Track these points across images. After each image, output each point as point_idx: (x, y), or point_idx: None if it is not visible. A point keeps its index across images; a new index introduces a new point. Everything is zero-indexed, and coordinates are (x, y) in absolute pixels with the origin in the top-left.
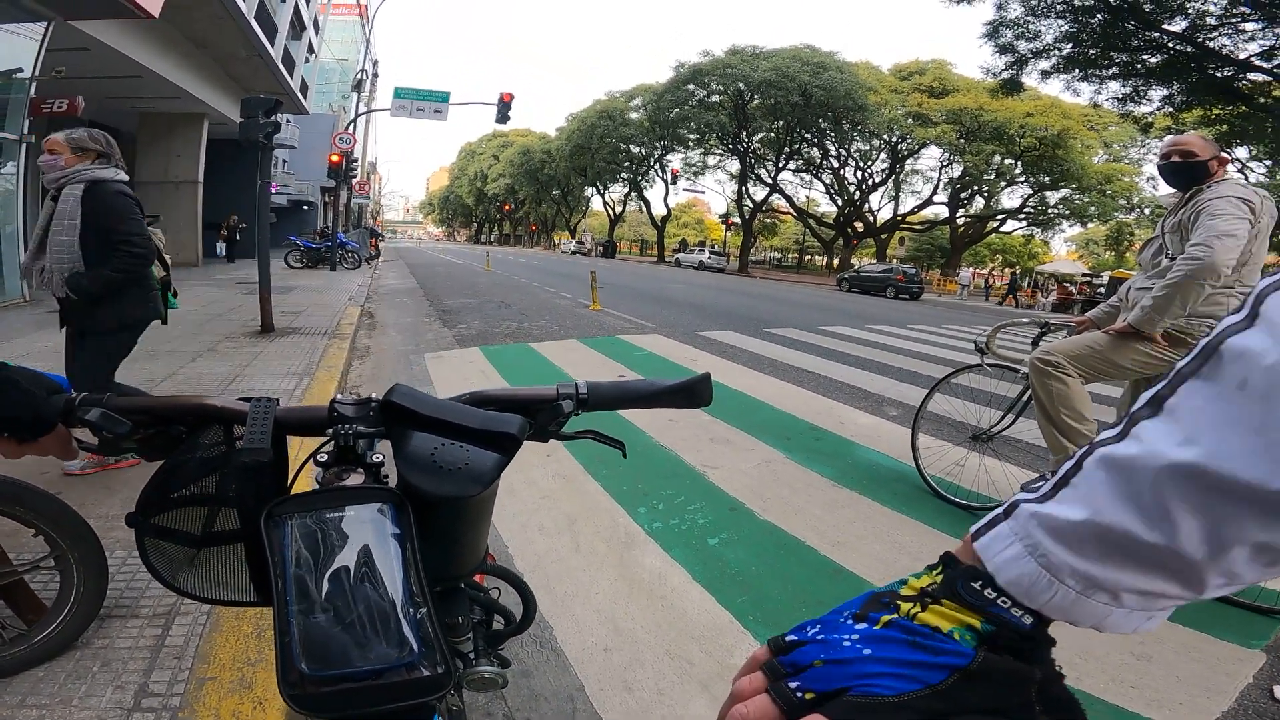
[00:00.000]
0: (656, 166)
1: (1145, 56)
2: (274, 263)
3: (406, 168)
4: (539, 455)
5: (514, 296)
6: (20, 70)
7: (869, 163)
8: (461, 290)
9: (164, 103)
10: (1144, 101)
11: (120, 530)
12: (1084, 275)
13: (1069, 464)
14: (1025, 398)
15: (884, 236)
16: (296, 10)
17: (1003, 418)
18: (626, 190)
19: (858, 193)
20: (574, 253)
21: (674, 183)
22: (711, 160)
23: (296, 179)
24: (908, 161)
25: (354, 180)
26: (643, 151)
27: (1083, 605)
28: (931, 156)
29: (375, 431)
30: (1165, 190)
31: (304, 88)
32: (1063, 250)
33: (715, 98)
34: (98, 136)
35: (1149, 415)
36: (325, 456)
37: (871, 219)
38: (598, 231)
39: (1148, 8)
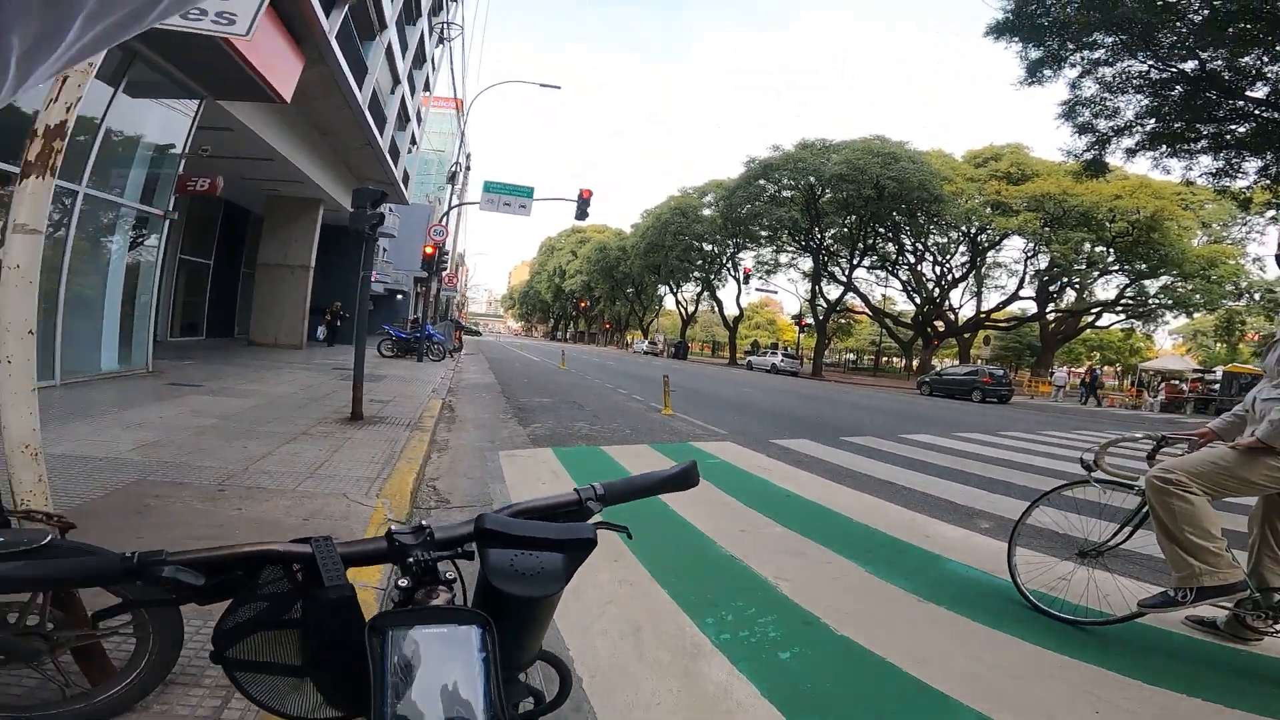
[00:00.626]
0: (729, 265)
1: (1233, 126)
2: (368, 350)
3: (491, 260)
4: (605, 560)
5: (587, 397)
6: (173, 146)
7: (948, 257)
8: (537, 389)
9: (288, 187)
10: (1239, 175)
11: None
12: (1195, 371)
13: None
14: (1142, 511)
15: (967, 335)
16: (403, 102)
17: (1116, 533)
18: (699, 289)
19: (937, 289)
20: (646, 352)
21: (746, 281)
22: (784, 258)
23: (394, 268)
24: (989, 254)
25: (444, 272)
26: (715, 249)
27: None
28: (1015, 248)
29: (448, 554)
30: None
31: (405, 178)
32: (1168, 344)
33: (786, 193)
34: None
35: None
36: (405, 581)
37: (953, 317)
38: (670, 331)
39: (1227, 75)
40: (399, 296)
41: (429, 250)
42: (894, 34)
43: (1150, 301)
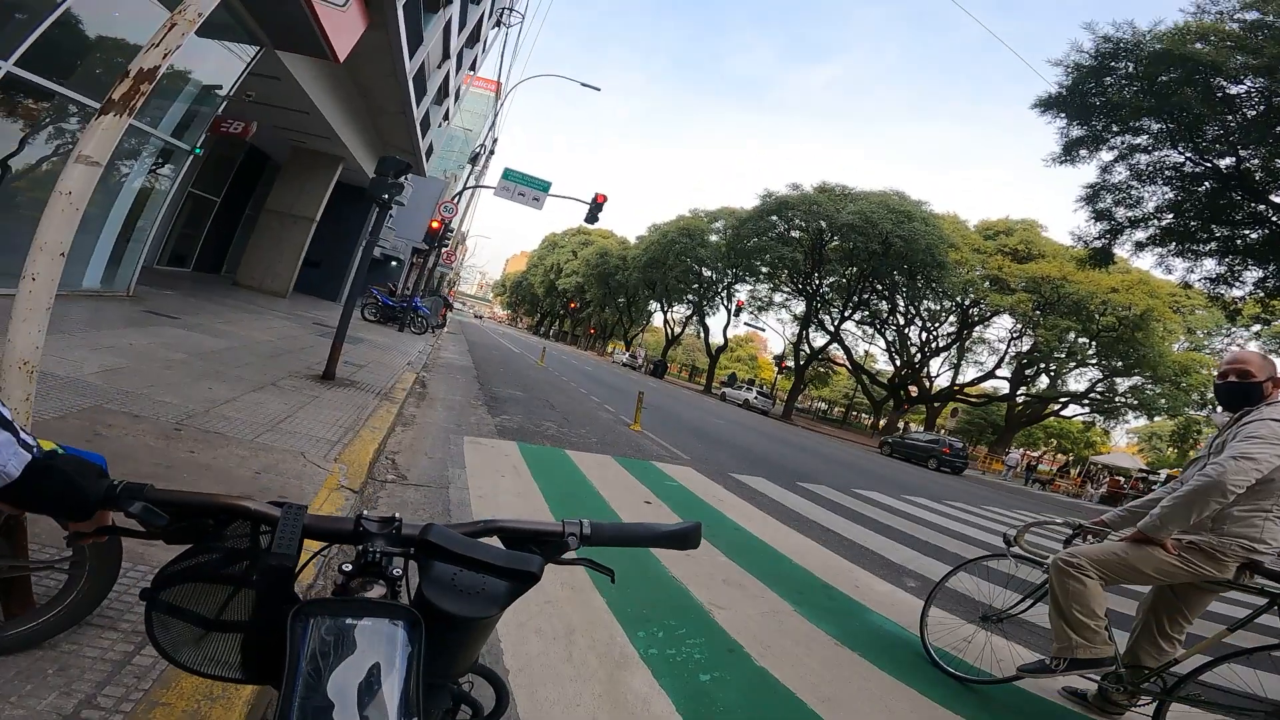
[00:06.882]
0: (724, 294)
1: (1246, 231)
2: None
3: (492, 244)
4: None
5: (560, 399)
6: (220, 87)
7: (936, 324)
8: (512, 380)
9: (315, 141)
10: (1237, 284)
11: (150, 551)
12: (1140, 471)
13: None
14: (1044, 587)
15: (937, 405)
16: (446, 77)
17: (1019, 602)
18: (689, 312)
19: (919, 355)
20: (625, 364)
21: (738, 314)
22: (778, 297)
23: (395, 235)
24: (976, 329)
25: (444, 249)
26: (714, 276)
27: None
28: (1002, 326)
29: (400, 551)
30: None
31: (429, 150)
32: (1123, 442)
33: (795, 233)
34: None
35: None
36: (350, 566)
37: (928, 384)
38: (652, 348)
39: (1258, 176)
40: (393, 263)
41: (435, 225)
42: (932, 89)
43: (1117, 399)
